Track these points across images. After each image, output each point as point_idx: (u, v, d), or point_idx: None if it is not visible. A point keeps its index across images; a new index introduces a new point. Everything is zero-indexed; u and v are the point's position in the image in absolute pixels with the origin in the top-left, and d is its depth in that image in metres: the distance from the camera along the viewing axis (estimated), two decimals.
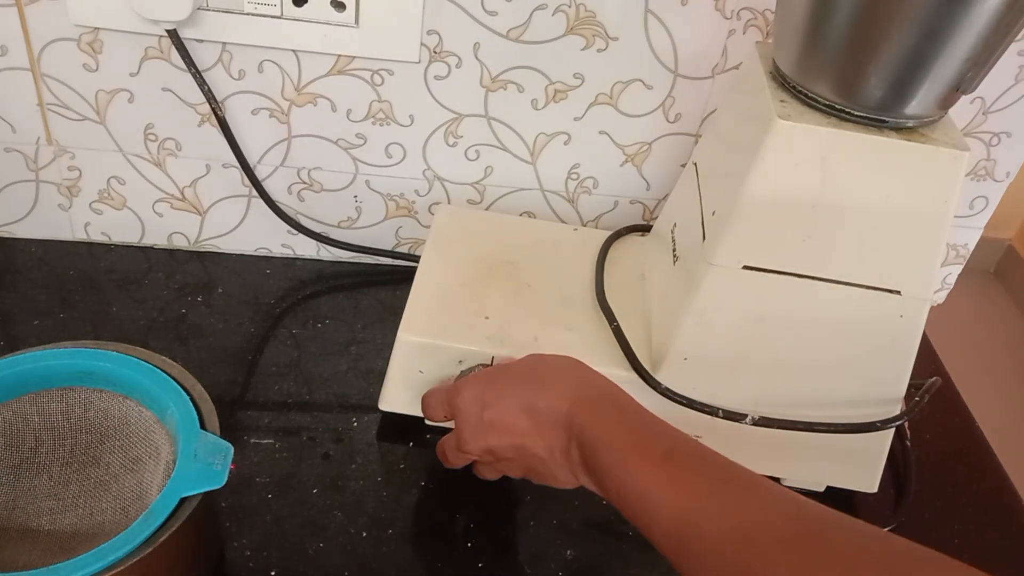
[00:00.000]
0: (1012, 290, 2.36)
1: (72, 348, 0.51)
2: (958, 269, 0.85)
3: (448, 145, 0.73)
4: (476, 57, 0.68)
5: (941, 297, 0.88)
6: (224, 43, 0.66)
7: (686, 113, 0.73)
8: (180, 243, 0.78)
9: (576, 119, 0.72)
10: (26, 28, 0.64)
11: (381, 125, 0.71)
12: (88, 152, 0.71)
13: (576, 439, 0.48)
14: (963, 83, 0.49)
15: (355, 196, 0.76)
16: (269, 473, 0.60)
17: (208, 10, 0.63)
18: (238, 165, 0.71)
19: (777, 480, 0.64)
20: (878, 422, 0.58)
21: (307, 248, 0.79)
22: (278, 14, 0.64)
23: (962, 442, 0.72)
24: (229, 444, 0.48)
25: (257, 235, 0.78)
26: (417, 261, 0.68)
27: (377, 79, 0.69)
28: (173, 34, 0.63)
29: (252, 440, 0.62)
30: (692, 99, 0.72)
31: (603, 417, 0.47)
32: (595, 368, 0.60)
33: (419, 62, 0.68)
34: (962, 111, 0.73)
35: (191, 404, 0.49)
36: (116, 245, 0.78)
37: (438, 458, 0.57)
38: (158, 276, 0.75)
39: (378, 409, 0.64)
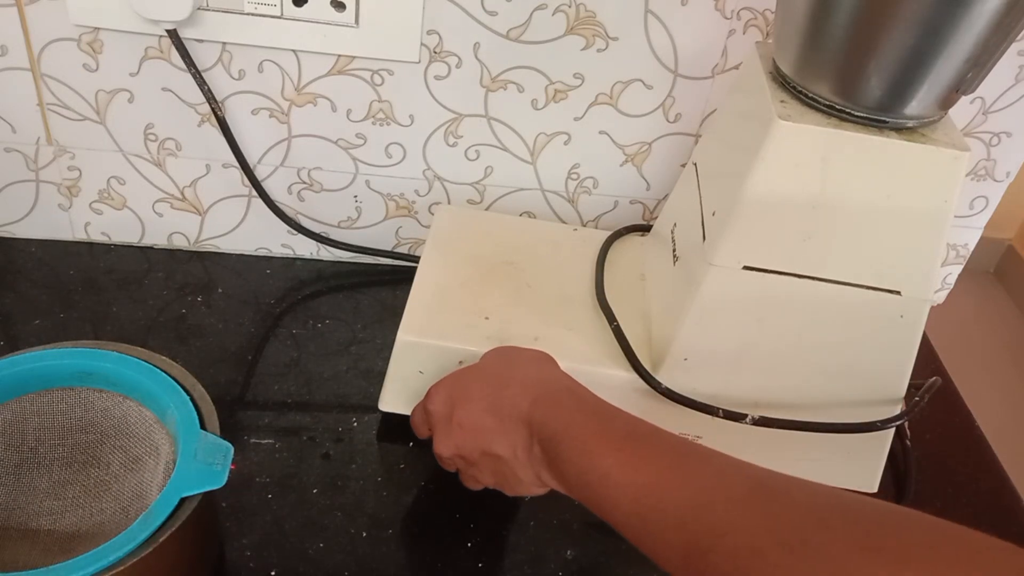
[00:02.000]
0: (1012, 290, 2.36)
1: (72, 348, 0.51)
2: (958, 269, 0.85)
3: (448, 145, 0.73)
4: (476, 57, 0.68)
5: (941, 297, 0.88)
6: (224, 43, 0.66)
7: (686, 113, 0.73)
8: (180, 243, 0.78)
9: (576, 119, 0.72)
10: (26, 28, 0.64)
11: (381, 125, 0.71)
12: (88, 152, 0.71)
13: (537, 435, 0.48)
14: (963, 84, 0.49)
15: (355, 196, 0.76)
16: (269, 473, 0.60)
17: (208, 10, 0.63)
18: (238, 165, 0.71)
19: None
20: (878, 422, 0.58)
21: (307, 248, 0.79)
22: (278, 14, 0.64)
23: (962, 442, 0.72)
24: (229, 444, 0.48)
25: (257, 235, 0.78)
26: (417, 261, 0.68)
27: (377, 79, 0.69)
28: (173, 34, 0.63)
29: (252, 440, 0.62)
30: (692, 99, 0.72)
31: (562, 409, 0.48)
32: (595, 368, 0.60)
33: (419, 62, 0.68)
34: (962, 111, 0.73)
35: (191, 404, 0.49)
36: (116, 245, 0.78)
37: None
38: (158, 276, 0.75)
39: (378, 409, 0.64)
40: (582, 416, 0.47)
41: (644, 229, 0.74)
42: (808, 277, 0.54)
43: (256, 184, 0.72)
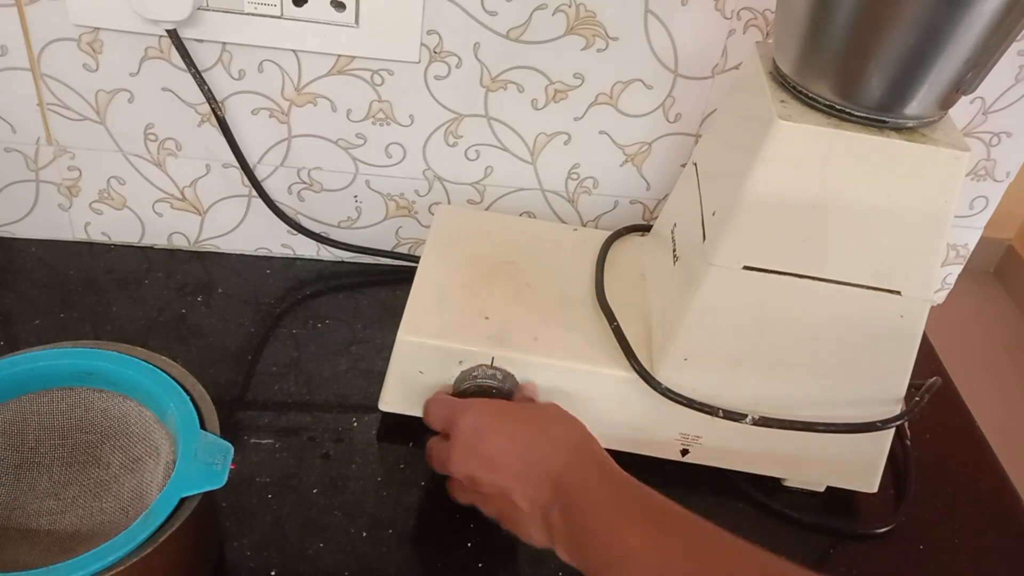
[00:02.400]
0: (1012, 290, 2.36)
1: (72, 348, 0.51)
2: (958, 269, 0.85)
3: (448, 145, 0.73)
4: (476, 57, 0.68)
5: (941, 297, 0.88)
6: (224, 43, 0.66)
7: (686, 113, 0.73)
8: (180, 243, 0.78)
9: (576, 119, 0.72)
10: (26, 28, 0.64)
11: (381, 125, 0.71)
12: (88, 152, 0.71)
13: (560, 501, 0.48)
14: (963, 83, 0.49)
15: (355, 196, 0.76)
16: (269, 473, 0.60)
17: (208, 10, 0.63)
18: (238, 165, 0.71)
19: (777, 480, 0.64)
20: (878, 422, 0.58)
21: (307, 248, 0.79)
22: (278, 14, 0.64)
23: (962, 442, 0.72)
24: (229, 444, 0.48)
25: (257, 235, 0.78)
26: (417, 261, 0.68)
27: (377, 79, 0.69)
28: (173, 34, 0.63)
29: (252, 440, 0.62)
30: (692, 99, 0.72)
31: (592, 480, 0.48)
32: (595, 368, 0.60)
33: (419, 62, 0.68)
34: (962, 111, 0.73)
35: (191, 404, 0.49)
36: (116, 245, 0.78)
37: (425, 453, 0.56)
38: (158, 276, 0.75)
39: (378, 409, 0.63)
40: (610, 492, 0.47)
41: (644, 229, 0.74)
42: (808, 277, 0.54)
43: (256, 184, 0.72)
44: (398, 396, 0.62)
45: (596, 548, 0.45)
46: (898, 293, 0.54)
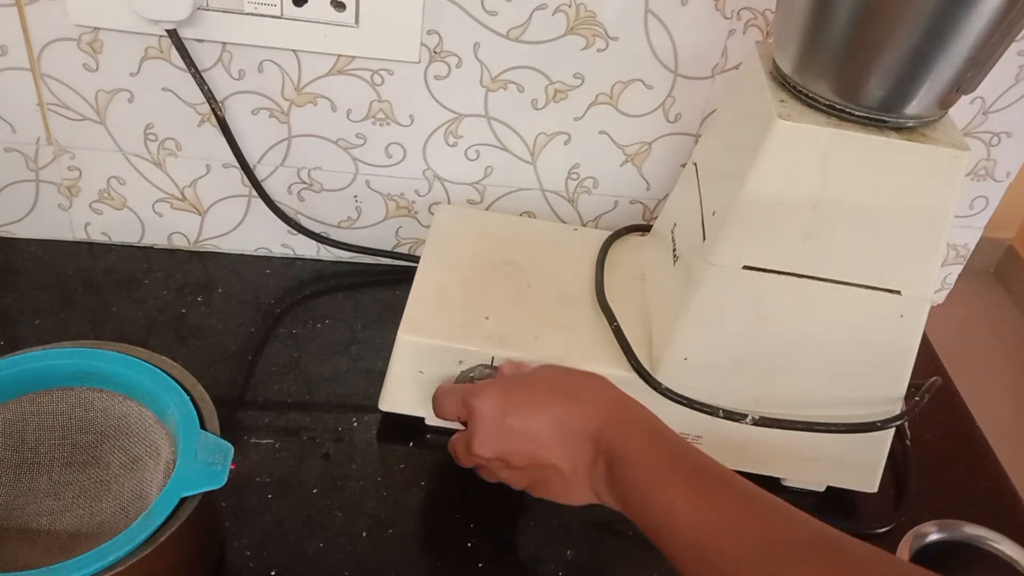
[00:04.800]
0: (1012, 290, 2.36)
1: (72, 348, 0.51)
2: (958, 269, 0.85)
3: (448, 145, 0.73)
4: (476, 57, 0.68)
5: (941, 297, 0.88)
6: (224, 43, 0.66)
7: (686, 113, 0.73)
8: (180, 243, 0.78)
9: (576, 119, 0.72)
10: (26, 28, 0.64)
11: (381, 125, 0.71)
12: (88, 152, 0.71)
13: (604, 455, 0.48)
14: (963, 83, 0.49)
15: (355, 196, 0.76)
16: (269, 473, 0.60)
17: (208, 10, 0.63)
18: (238, 165, 0.71)
19: (777, 480, 0.64)
20: (878, 422, 0.58)
21: (307, 248, 0.79)
22: (278, 14, 0.64)
23: (962, 442, 0.72)
24: (229, 444, 0.48)
25: (257, 235, 0.78)
26: (417, 261, 0.68)
27: (377, 79, 0.69)
28: (173, 34, 0.63)
29: (252, 440, 0.62)
30: (692, 99, 0.72)
31: (635, 435, 0.48)
32: (595, 368, 0.60)
33: (419, 62, 0.68)
34: (962, 111, 0.73)
35: (191, 404, 0.49)
36: (116, 245, 0.78)
37: (450, 454, 0.56)
38: (158, 276, 0.75)
39: (378, 409, 0.63)
40: (653, 446, 0.47)
41: (644, 229, 0.74)
42: (808, 277, 0.54)
43: (256, 184, 0.72)
44: (398, 396, 0.62)
45: (639, 499, 0.46)
46: (898, 293, 0.54)
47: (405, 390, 0.62)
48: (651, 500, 0.45)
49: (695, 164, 0.64)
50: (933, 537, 0.59)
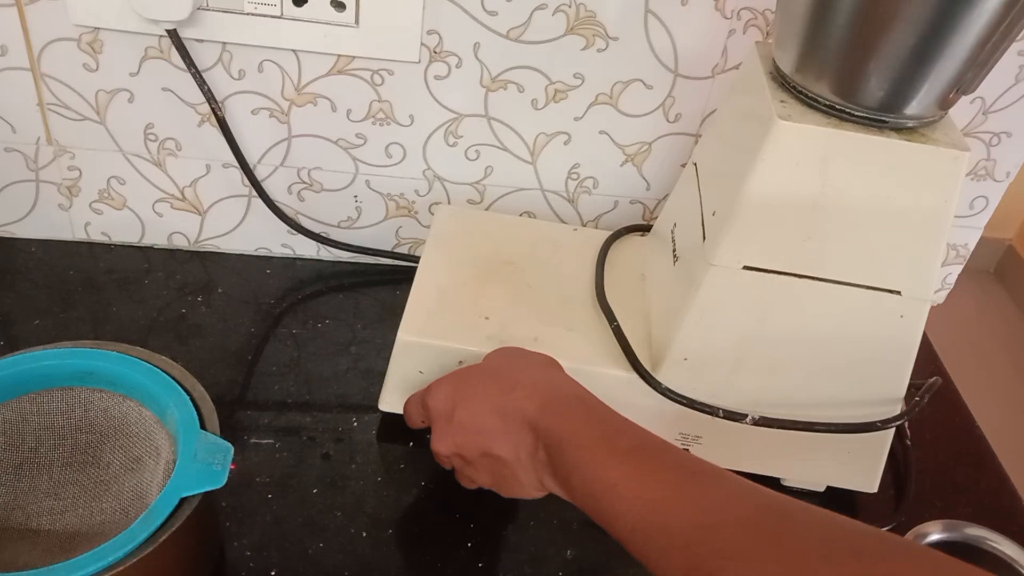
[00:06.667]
0: (1012, 290, 2.36)
1: (72, 348, 0.51)
2: (958, 269, 0.85)
3: (448, 145, 0.73)
4: (476, 57, 0.68)
5: (941, 297, 0.88)
6: (224, 43, 0.66)
7: (686, 113, 0.73)
8: (180, 243, 0.78)
9: (576, 119, 0.72)
10: (26, 28, 0.64)
11: (381, 125, 0.71)
12: (88, 152, 0.71)
13: (543, 440, 0.47)
14: (963, 83, 0.49)
15: (355, 196, 0.76)
16: (269, 473, 0.60)
17: (208, 10, 0.63)
18: (238, 165, 0.71)
19: (777, 480, 0.64)
20: (878, 422, 0.58)
21: (307, 248, 0.79)
22: (278, 14, 0.64)
23: (962, 442, 0.72)
24: (229, 444, 0.48)
25: (257, 235, 0.78)
26: (417, 261, 0.68)
27: (377, 79, 0.69)
28: (173, 34, 0.63)
29: (252, 440, 0.62)
30: (692, 99, 0.72)
31: (570, 417, 0.47)
32: (595, 368, 0.60)
33: (419, 62, 0.68)
34: (962, 111, 0.73)
35: (191, 404, 0.49)
36: (116, 245, 0.78)
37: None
38: (158, 276, 0.75)
39: (378, 409, 0.64)
40: (590, 425, 0.47)
41: (644, 229, 0.74)
42: (808, 277, 0.54)
43: (256, 184, 0.72)
44: (398, 396, 0.62)
45: (581, 483, 0.45)
46: (898, 293, 0.54)
47: (405, 390, 0.62)
48: (593, 484, 0.44)
49: (695, 164, 0.64)
50: (933, 537, 0.59)
